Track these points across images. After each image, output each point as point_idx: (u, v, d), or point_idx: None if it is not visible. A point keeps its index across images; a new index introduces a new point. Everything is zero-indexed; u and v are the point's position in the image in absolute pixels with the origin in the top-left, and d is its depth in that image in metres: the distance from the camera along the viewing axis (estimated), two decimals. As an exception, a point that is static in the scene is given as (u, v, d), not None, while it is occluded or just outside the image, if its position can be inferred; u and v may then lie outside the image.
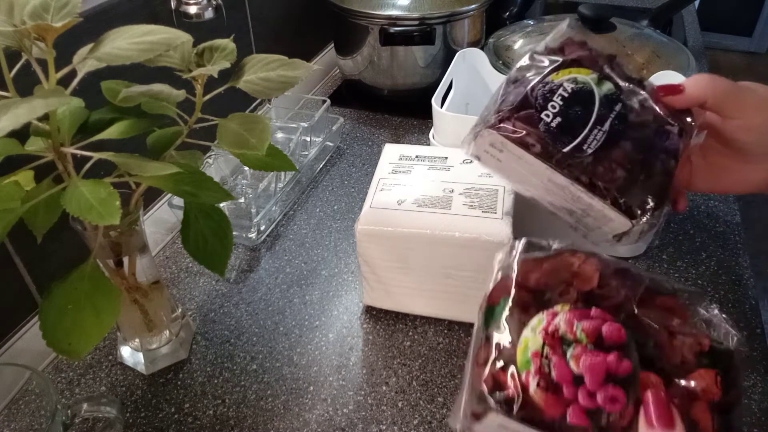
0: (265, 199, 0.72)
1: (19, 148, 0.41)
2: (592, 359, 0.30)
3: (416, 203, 0.55)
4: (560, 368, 0.31)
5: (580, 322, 0.32)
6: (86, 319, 0.41)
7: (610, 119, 0.39)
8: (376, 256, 0.56)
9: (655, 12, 1.03)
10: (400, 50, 0.92)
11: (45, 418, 0.51)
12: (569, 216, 0.42)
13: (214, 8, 0.69)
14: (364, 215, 0.55)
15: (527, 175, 0.40)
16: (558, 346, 0.31)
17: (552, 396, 0.30)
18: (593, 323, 0.32)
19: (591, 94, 0.39)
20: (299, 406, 0.52)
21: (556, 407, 0.30)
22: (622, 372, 0.30)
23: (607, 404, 0.30)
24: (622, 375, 0.30)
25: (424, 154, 0.62)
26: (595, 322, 0.32)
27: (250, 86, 0.44)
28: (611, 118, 0.39)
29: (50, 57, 0.37)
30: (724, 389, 0.33)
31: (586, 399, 0.30)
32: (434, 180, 0.58)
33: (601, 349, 0.31)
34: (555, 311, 0.33)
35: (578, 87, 0.39)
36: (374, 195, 0.57)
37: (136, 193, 0.46)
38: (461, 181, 0.57)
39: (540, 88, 0.40)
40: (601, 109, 0.39)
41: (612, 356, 0.31)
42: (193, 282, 0.66)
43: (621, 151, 0.38)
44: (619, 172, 0.38)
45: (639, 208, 0.38)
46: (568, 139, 0.38)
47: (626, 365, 0.30)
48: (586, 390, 0.30)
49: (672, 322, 0.34)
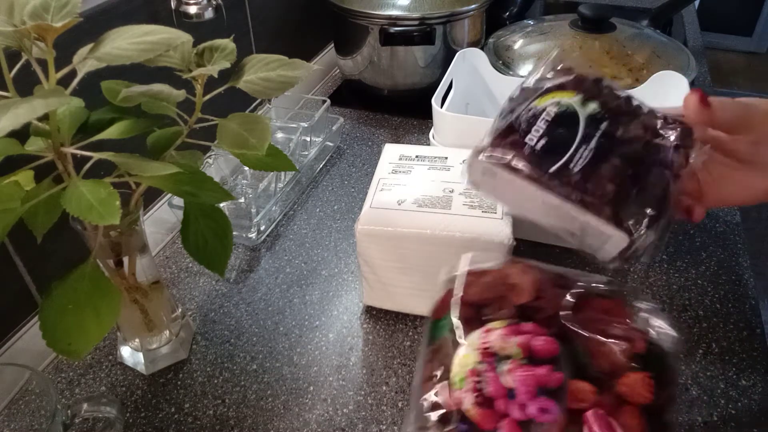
0: (265, 199, 0.72)
1: (19, 148, 0.41)
2: (524, 373, 0.32)
3: (416, 203, 0.55)
4: (494, 383, 0.32)
5: (514, 337, 0.33)
6: (86, 319, 0.41)
7: (596, 137, 0.39)
8: (376, 256, 0.56)
9: (655, 12, 1.03)
10: (400, 50, 0.92)
11: (45, 418, 0.51)
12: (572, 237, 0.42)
13: (214, 8, 0.69)
14: (364, 215, 0.55)
15: (522, 199, 0.41)
16: (492, 361, 0.33)
17: (486, 411, 0.31)
18: (526, 338, 0.33)
19: (575, 114, 0.40)
20: (299, 406, 0.52)
21: (491, 421, 0.31)
22: (554, 384, 0.32)
23: (538, 416, 0.31)
24: (553, 387, 0.32)
25: (424, 154, 0.62)
26: (528, 337, 0.33)
27: (250, 86, 0.44)
28: (597, 137, 0.39)
29: (50, 57, 0.37)
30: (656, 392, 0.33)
31: (518, 412, 0.31)
32: (434, 180, 0.58)
33: (533, 363, 0.32)
34: (490, 328, 0.34)
35: (561, 109, 0.40)
36: (374, 195, 0.57)
37: (136, 193, 0.46)
38: (461, 181, 0.57)
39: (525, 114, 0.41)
40: (586, 129, 0.39)
41: (544, 369, 0.32)
42: (193, 282, 0.66)
43: (610, 167, 0.38)
44: (609, 187, 0.38)
45: (635, 222, 0.38)
46: (554, 159, 0.39)
47: (557, 377, 0.32)
48: (517, 403, 0.31)
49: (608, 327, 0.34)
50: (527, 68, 0.86)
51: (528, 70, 0.85)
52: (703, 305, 0.61)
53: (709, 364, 0.55)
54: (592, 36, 0.86)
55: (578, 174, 0.38)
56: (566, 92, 0.41)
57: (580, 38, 0.86)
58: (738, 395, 0.52)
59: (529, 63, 0.86)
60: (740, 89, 3.18)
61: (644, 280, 0.64)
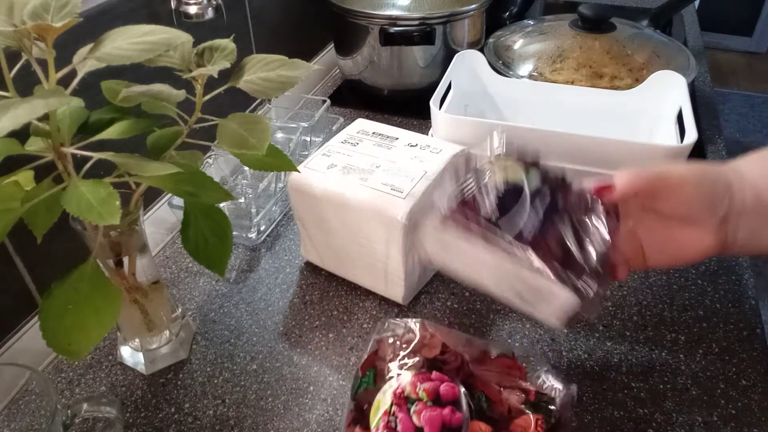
0: (265, 199, 0.72)
1: (19, 148, 0.41)
2: (430, 413, 0.38)
3: (342, 171, 0.59)
4: (405, 422, 0.38)
5: (422, 383, 0.40)
6: (86, 319, 0.41)
7: (541, 207, 0.44)
8: (303, 212, 0.62)
9: (655, 12, 1.03)
10: (400, 50, 0.92)
11: (45, 418, 0.51)
12: (522, 302, 0.45)
13: (214, 8, 0.69)
14: (295, 173, 0.59)
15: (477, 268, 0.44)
16: (403, 404, 0.39)
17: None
18: (432, 384, 0.39)
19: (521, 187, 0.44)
20: (299, 406, 0.52)
21: None
22: (455, 422, 0.38)
23: None
24: (455, 425, 0.38)
25: (381, 132, 0.65)
26: (434, 383, 0.39)
27: (250, 86, 0.44)
28: (542, 206, 0.44)
29: (50, 57, 0.37)
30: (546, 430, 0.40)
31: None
32: (371, 155, 0.61)
33: (438, 405, 0.38)
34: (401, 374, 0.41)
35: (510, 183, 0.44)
36: (313, 158, 0.61)
37: (136, 193, 0.46)
38: (392, 160, 0.60)
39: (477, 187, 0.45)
40: (533, 199, 0.44)
41: (447, 410, 0.38)
42: (193, 282, 0.66)
43: (556, 232, 0.43)
44: (557, 250, 0.42)
45: (581, 280, 0.42)
46: (508, 227, 0.43)
47: (458, 417, 0.38)
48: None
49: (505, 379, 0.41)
50: (527, 68, 0.86)
51: (528, 70, 0.85)
52: (703, 305, 0.61)
53: (709, 364, 0.55)
54: (592, 36, 0.86)
55: (530, 239, 0.42)
56: (513, 167, 0.46)
57: (580, 38, 0.86)
58: (738, 395, 0.52)
59: (529, 63, 0.86)
60: (740, 89, 3.19)
61: (644, 280, 0.64)
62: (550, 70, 0.84)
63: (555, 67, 0.84)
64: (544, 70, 0.84)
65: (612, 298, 0.62)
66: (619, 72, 0.82)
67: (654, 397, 0.52)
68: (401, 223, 0.53)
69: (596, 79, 0.81)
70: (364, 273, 0.62)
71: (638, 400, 0.52)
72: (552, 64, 0.84)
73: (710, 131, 0.90)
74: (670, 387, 0.53)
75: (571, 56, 0.84)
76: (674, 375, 0.54)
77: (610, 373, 0.54)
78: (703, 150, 0.85)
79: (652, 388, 0.53)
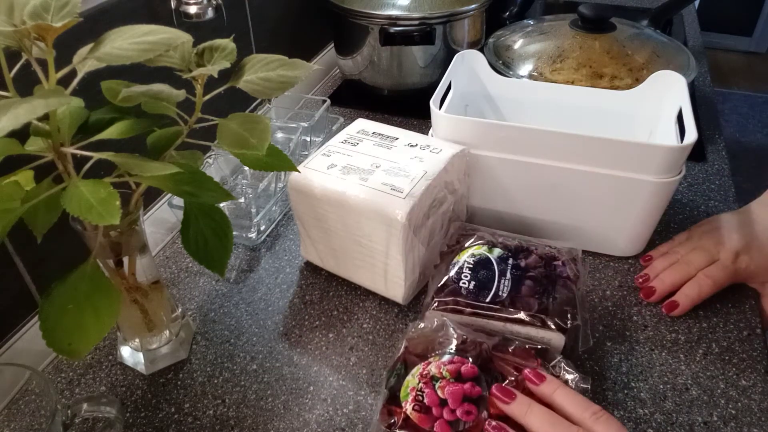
0: (265, 199, 0.72)
1: (19, 148, 0.41)
2: (453, 388, 0.44)
3: (343, 171, 0.59)
4: (431, 396, 0.43)
5: (445, 366, 0.45)
6: (86, 319, 0.41)
7: (509, 270, 0.54)
8: (303, 212, 0.61)
9: (655, 12, 1.03)
10: (400, 50, 0.92)
11: (45, 418, 0.51)
12: None
13: (214, 8, 0.69)
14: (295, 173, 0.59)
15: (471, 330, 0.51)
16: (429, 382, 0.44)
17: (424, 415, 0.43)
18: (455, 365, 0.45)
19: (488, 258, 0.55)
20: (299, 406, 0.52)
21: (428, 422, 0.42)
22: (475, 394, 0.44)
23: (463, 416, 0.42)
24: (474, 396, 0.43)
25: (381, 132, 0.65)
26: (456, 365, 0.45)
27: (250, 86, 0.44)
28: (509, 269, 0.54)
29: (50, 57, 0.37)
30: None
31: (448, 414, 0.43)
32: (371, 155, 0.61)
33: (460, 381, 0.44)
34: (429, 361, 0.47)
35: (476, 258, 0.55)
36: (314, 158, 0.61)
37: (136, 193, 0.46)
38: (392, 160, 0.60)
39: (452, 269, 0.55)
40: (500, 266, 0.54)
41: (467, 385, 0.44)
42: (193, 282, 0.66)
43: (527, 288, 0.52)
44: (533, 302, 0.50)
45: (562, 321, 0.49)
46: (486, 292, 0.52)
47: (477, 390, 0.44)
48: (449, 408, 0.43)
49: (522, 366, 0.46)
50: (527, 68, 0.86)
51: (528, 70, 0.85)
52: (703, 305, 0.61)
53: (709, 364, 0.55)
54: (592, 36, 0.86)
55: (507, 299, 0.51)
56: (475, 247, 0.57)
57: (580, 38, 0.86)
58: (738, 395, 0.52)
59: (529, 63, 0.86)
60: (740, 89, 3.19)
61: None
62: (550, 70, 0.84)
63: (555, 67, 0.84)
64: (544, 70, 0.84)
65: (612, 298, 0.62)
66: (619, 72, 0.82)
67: (654, 397, 0.52)
68: (401, 223, 0.53)
69: (596, 79, 0.81)
70: (364, 273, 0.61)
71: (638, 400, 0.52)
72: (552, 64, 0.84)
73: (710, 131, 0.90)
74: (670, 387, 0.53)
75: (571, 56, 0.84)
76: (674, 375, 0.54)
77: (610, 373, 0.54)
78: (703, 150, 0.85)
79: (652, 388, 0.53)
